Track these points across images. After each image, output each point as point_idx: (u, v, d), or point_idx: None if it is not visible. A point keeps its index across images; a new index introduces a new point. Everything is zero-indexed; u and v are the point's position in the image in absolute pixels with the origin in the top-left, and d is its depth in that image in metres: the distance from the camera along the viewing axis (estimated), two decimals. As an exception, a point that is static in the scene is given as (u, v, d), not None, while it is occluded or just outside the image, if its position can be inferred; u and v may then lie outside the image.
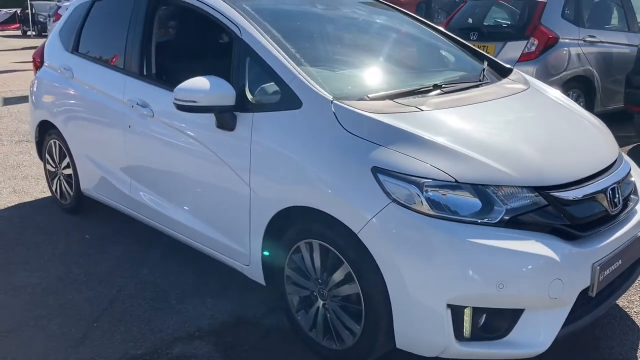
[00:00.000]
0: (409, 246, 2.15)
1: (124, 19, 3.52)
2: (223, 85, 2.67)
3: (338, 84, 2.67)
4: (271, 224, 2.64)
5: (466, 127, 2.44)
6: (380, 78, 2.96)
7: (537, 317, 2.17)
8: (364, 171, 2.24)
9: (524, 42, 6.18)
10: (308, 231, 2.49)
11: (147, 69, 3.32)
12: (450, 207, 2.15)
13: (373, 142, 2.29)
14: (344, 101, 2.46)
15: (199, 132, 2.91)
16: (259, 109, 2.66)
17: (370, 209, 2.21)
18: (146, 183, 3.37)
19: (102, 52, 3.78)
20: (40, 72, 4.33)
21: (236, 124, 2.72)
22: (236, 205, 2.77)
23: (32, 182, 5.16)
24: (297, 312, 2.65)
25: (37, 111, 4.36)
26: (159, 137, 3.16)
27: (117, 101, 3.43)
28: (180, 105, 2.67)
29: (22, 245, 3.84)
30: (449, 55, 3.48)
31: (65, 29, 4.16)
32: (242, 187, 2.71)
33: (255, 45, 2.72)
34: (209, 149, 2.85)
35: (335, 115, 2.41)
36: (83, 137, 3.86)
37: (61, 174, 4.28)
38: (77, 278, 3.38)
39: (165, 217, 3.27)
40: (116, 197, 3.68)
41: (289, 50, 2.72)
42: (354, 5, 3.65)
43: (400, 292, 2.18)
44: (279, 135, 2.55)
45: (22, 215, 4.37)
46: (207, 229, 3.01)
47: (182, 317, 2.95)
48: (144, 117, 3.23)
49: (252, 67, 2.74)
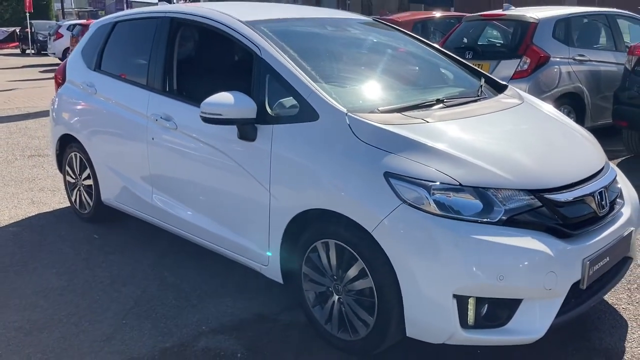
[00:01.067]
0: (418, 243, 2.40)
1: (147, 39, 3.79)
2: (245, 99, 2.93)
3: (350, 98, 2.94)
4: (289, 226, 2.88)
5: (467, 136, 2.71)
6: (388, 93, 3.23)
7: (533, 307, 2.42)
8: (377, 176, 2.50)
9: (517, 61, 6.49)
10: (324, 232, 2.74)
11: (171, 85, 3.58)
12: (454, 208, 2.41)
13: (385, 150, 2.55)
14: (357, 113, 2.72)
15: (221, 143, 3.15)
16: (278, 121, 2.92)
17: (382, 209, 2.46)
18: (168, 191, 3.61)
19: (125, 69, 4.04)
20: (62, 89, 4.58)
21: (257, 135, 2.97)
22: (256, 210, 3.01)
23: (48, 194, 5.38)
24: (313, 307, 2.89)
25: (58, 126, 4.60)
26: (182, 148, 3.41)
27: (141, 115, 3.69)
28: (206, 117, 2.93)
29: (47, 251, 4.06)
30: (449, 72, 3.76)
31: (88, 48, 4.43)
32: (262, 193, 2.96)
33: (275, 64, 2.99)
34: (231, 158, 3.10)
35: (350, 126, 2.67)
36: (105, 149, 4.10)
37: (81, 185, 4.51)
38: (103, 280, 3.60)
39: (186, 222, 3.50)
40: (137, 205, 3.92)
41: (305, 67, 2.99)
42: (360, 27, 3.93)
43: (411, 285, 2.43)
44: (298, 145, 2.81)
45: (42, 224, 4.60)
46: (228, 232, 3.25)
47: (204, 315, 3.18)
48: (168, 129, 3.48)
49: (272, 84, 3.01)
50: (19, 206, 5.03)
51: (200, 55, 4.01)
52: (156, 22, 3.77)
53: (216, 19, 3.38)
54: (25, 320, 3.14)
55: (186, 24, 3.68)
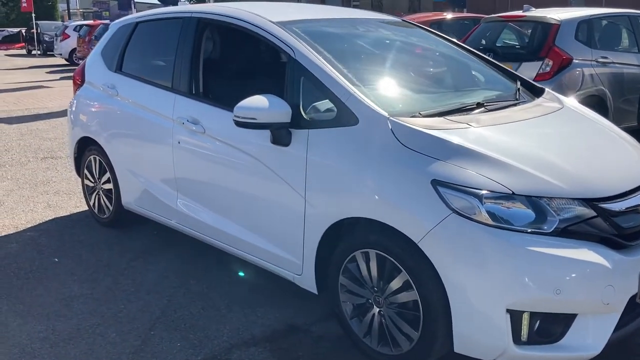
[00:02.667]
0: (469, 254, 2.28)
1: (172, 40, 3.69)
2: (280, 103, 2.82)
3: (390, 102, 2.82)
4: (326, 234, 2.77)
5: (515, 142, 2.59)
6: (426, 96, 3.12)
7: (589, 322, 2.30)
8: (424, 184, 2.39)
9: (539, 63, 6.36)
10: (365, 241, 2.63)
11: (197, 88, 3.48)
12: (507, 218, 2.30)
13: (431, 156, 2.44)
14: (399, 118, 2.61)
15: (252, 148, 3.05)
16: (314, 125, 2.81)
17: (430, 219, 2.34)
18: (195, 196, 3.50)
19: (149, 71, 3.94)
20: (81, 91, 4.48)
21: (291, 140, 2.86)
22: (290, 217, 2.90)
23: (64, 197, 5.28)
24: (350, 319, 2.78)
25: (76, 128, 4.50)
26: (210, 152, 3.30)
27: (166, 118, 3.58)
28: (240, 121, 2.82)
29: (67, 257, 3.96)
30: (483, 74, 3.65)
31: (108, 49, 4.32)
32: (297, 199, 2.85)
33: (310, 66, 2.88)
34: (263, 164, 2.99)
35: (392, 131, 2.56)
36: (127, 153, 3.99)
37: (100, 188, 4.41)
38: (126, 288, 3.50)
39: (214, 229, 3.40)
40: (160, 210, 3.81)
41: (341, 70, 2.87)
42: (390, 28, 3.82)
43: (461, 299, 2.31)
44: (336, 150, 2.70)
45: (60, 229, 4.49)
46: (258, 239, 3.14)
47: (234, 325, 3.07)
48: (195, 133, 3.37)
49: (307, 86, 2.90)
50: (35, 210, 4.93)
51: (229, 57, 3.89)
52: (181, 23, 3.66)
53: (246, 20, 3.27)
54: (50, 331, 3.03)
55: (213, 24, 3.57)
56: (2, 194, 5.37)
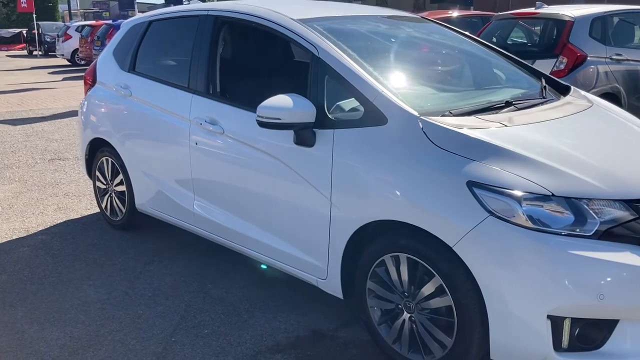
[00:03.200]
0: (508, 258, 2.20)
1: (187, 39, 3.60)
2: (305, 102, 2.74)
3: (418, 100, 2.74)
4: (353, 237, 2.69)
5: (550, 142, 2.50)
6: (453, 94, 3.04)
7: (631, 328, 2.22)
8: (459, 185, 2.30)
9: (553, 61, 6.29)
10: (395, 244, 2.55)
11: (215, 88, 3.39)
12: (546, 220, 2.21)
13: (466, 157, 2.35)
14: (430, 117, 2.53)
15: (274, 149, 2.96)
16: (340, 125, 2.73)
17: (467, 222, 2.26)
18: (212, 198, 3.42)
19: (164, 71, 3.85)
20: (93, 91, 4.40)
21: (315, 140, 2.78)
22: (315, 220, 2.82)
23: (74, 199, 5.20)
24: (379, 325, 2.69)
25: (88, 129, 4.42)
26: (229, 153, 3.22)
27: (183, 119, 3.50)
28: (263, 122, 2.74)
29: (81, 261, 3.88)
30: (506, 72, 3.56)
31: (120, 49, 4.24)
32: (322, 202, 2.77)
33: (335, 64, 2.79)
34: (286, 165, 2.91)
35: (424, 131, 2.47)
36: (141, 154, 3.91)
37: (113, 190, 4.33)
38: (143, 293, 3.42)
39: (233, 231, 3.31)
40: (176, 212, 3.73)
41: (367, 68, 2.79)
42: (412, 25, 3.73)
43: (499, 304, 2.23)
44: (363, 151, 2.61)
45: (72, 232, 4.41)
46: (280, 243, 3.06)
47: (257, 331, 2.98)
48: (213, 134, 3.29)
49: (331, 85, 2.81)
50: (45, 213, 4.85)
51: (248, 55, 3.81)
52: (197, 21, 3.58)
53: (266, 17, 3.19)
54: (68, 337, 2.95)
55: (231, 22, 3.48)
56: (11, 196, 5.29)
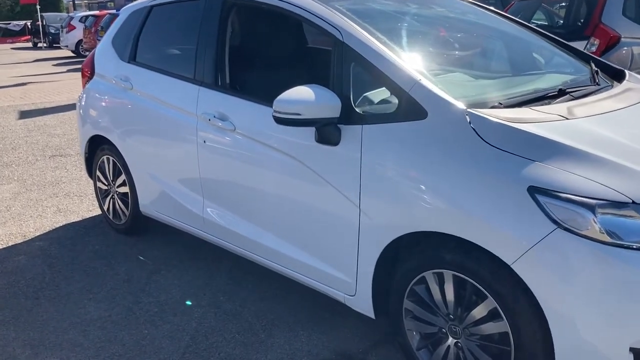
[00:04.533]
0: (580, 279, 1.83)
1: (193, 25, 3.23)
2: (329, 95, 2.37)
3: (462, 90, 2.36)
4: (386, 250, 2.34)
5: (622, 138, 2.12)
6: (497, 82, 2.65)
7: None
8: (518, 192, 1.93)
9: (584, 42, 5.85)
10: (438, 260, 2.18)
11: (225, 79, 3.02)
12: (625, 233, 1.83)
13: (525, 157, 1.98)
14: (478, 109, 2.15)
15: (293, 148, 2.60)
16: (369, 120, 2.36)
17: (529, 235, 1.89)
18: (224, 203, 3.07)
19: (167, 61, 3.48)
20: (91, 84, 4.04)
21: (340, 137, 2.42)
22: (341, 229, 2.47)
23: (75, 200, 4.87)
24: (418, 350, 2.34)
25: (87, 125, 4.07)
26: (242, 152, 2.86)
27: (189, 114, 3.14)
28: (281, 118, 2.37)
29: (80, 271, 3.54)
30: (548, 55, 3.17)
31: (119, 38, 3.88)
32: (349, 208, 2.41)
33: (362, 49, 2.42)
34: (307, 166, 2.55)
35: (473, 126, 2.10)
36: (144, 153, 3.56)
37: (115, 192, 3.99)
38: (149, 308, 3.08)
39: (247, 239, 2.96)
40: (184, 217, 3.38)
41: (400, 53, 2.42)
42: (442, 4, 3.34)
43: (568, 333, 1.87)
44: (399, 149, 2.24)
45: (72, 237, 4.08)
46: (301, 253, 2.71)
47: (277, 354, 2.64)
48: (223, 131, 2.93)
49: (359, 74, 2.44)
50: (44, 215, 4.52)
51: (260, 41, 3.42)
52: (203, 5, 3.20)
53: (280, -3, 2.81)
54: (64, 365, 2.63)
55: (241, 4, 3.10)
56: (10, 197, 4.96)
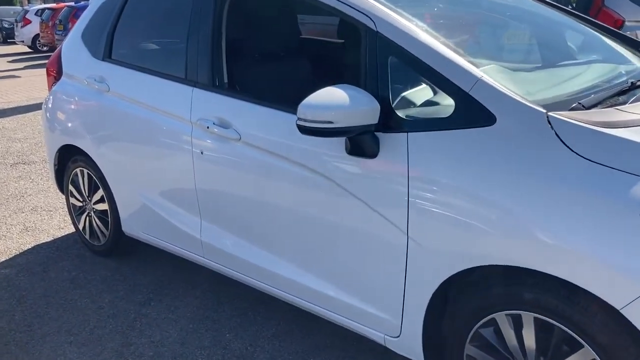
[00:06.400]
0: None
1: (182, 12, 2.74)
2: (365, 97, 1.93)
3: (533, 89, 1.94)
4: (444, 285, 1.92)
5: None
6: (569, 79, 2.24)
7: None
8: (628, 217, 1.53)
9: (587, 27, 5.53)
10: (514, 299, 1.77)
11: (224, 77, 2.55)
12: None
13: (631, 172, 1.57)
14: (561, 113, 1.74)
15: (317, 160, 2.16)
16: (417, 127, 1.93)
17: (646, 274, 1.50)
18: (227, 225, 2.60)
19: (151, 57, 2.98)
20: (58, 85, 3.50)
21: (379, 148, 1.98)
22: (382, 259, 2.04)
23: (44, 215, 4.32)
24: (484, 405, 1.94)
25: (56, 133, 3.53)
26: (250, 166, 2.40)
27: (182, 120, 2.66)
28: (308, 127, 1.92)
29: (56, 306, 3.03)
30: (585, 41, 2.79)
31: (91, 31, 3.35)
32: (393, 234, 1.98)
33: (403, 40, 1.98)
34: (336, 183, 2.10)
35: (558, 134, 1.69)
36: (127, 166, 3.06)
37: (92, 209, 3.48)
38: (142, 352, 2.60)
39: (259, 268, 2.51)
40: (178, 240, 2.90)
41: (451, 45, 1.99)
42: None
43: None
44: (460, 163, 1.82)
45: (43, 262, 3.55)
46: (327, 286, 2.27)
47: (305, 409, 2.21)
48: (226, 140, 2.46)
49: (399, 71, 2.00)
50: (9, 235, 3.96)
51: (267, 32, 2.92)
52: (193, -11, 2.71)
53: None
54: None
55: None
56: (-33, 216, 4.39)
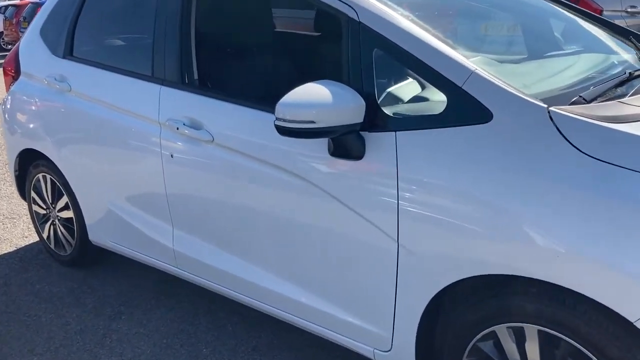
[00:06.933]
0: None
1: (148, 6, 2.54)
2: (348, 94, 1.77)
3: (529, 82, 1.80)
4: (438, 296, 1.77)
5: None
6: (553, 67, 2.11)
7: None
8: None
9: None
10: (516, 311, 1.63)
11: (196, 75, 2.36)
12: None
13: (642, 172, 1.44)
14: (562, 108, 1.60)
15: (297, 163, 1.99)
16: (406, 125, 1.77)
17: (664, 284, 1.37)
18: (202, 233, 2.42)
19: (115, 54, 2.77)
20: (17, 85, 3.27)
21: (365, 149, 1.83)
22: (371, 269, 1.89)
23: (6, 223, 4.07)
24: (483, 423, 1.80)
25: (16, 137, 3.30)
26: (225, 170, 2.22)
27: (149, 121, 2.46)
28: (287, 128, 1.75)
29: (18, 322, 2.82)
30: (585, 33, 2.66)
31: (50, 27, 3.12)
32: (382, 242, 1.83)
33: (390, 32, 1.82)
34: (319, 187, 1.94)
35: (562, 131, 1.55)
36: (92, 171, 2.86)
37: (56, 217, 3.26)
38: (113, 372, 2.42)
39: (238, 279, 2.34)
40: (149, 249, 2.72)
41: (440, 36, 1.83)
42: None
43: None
44: (454, 163, 1.67)
45: (5, 274, 3.32)
46: (312, 298, 2.11)
47: None
48: (197, 142, 2.28)
49: (385, 65, 1.85)
50: (-32, 246, 3.73)
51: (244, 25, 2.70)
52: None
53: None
54: None
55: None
56: None
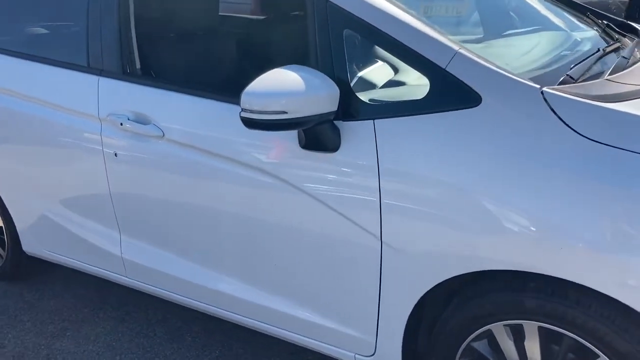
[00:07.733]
0: None
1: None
2: (322, 80, 1.61)
3: (512, 62, 1.69)
4: (426, 295, 1.65)
5: None
6: (518, 46, 2.01)
7: None
8: (649, 207, 1.31)
9: None
10: (514, 307, 1.53)
11: (138, 64, 2.11)
12: None
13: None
14: (555, 88, 1.49)
15: (263, 158, 1.81)
16: (385, 112, 1.62)
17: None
18: (154, 239, 2.19)
19: (40, 42, 2.46)
20: None
21: (340, 140, 1.67)
22: (351, 269, 1.74)
23: None
24: None
25: None
26: (178, 168, 2.00)
27: (87, 116, 2.20)
28: (255, 120, 1.56)
29: (-55, 350, 2.50)
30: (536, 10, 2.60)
31: (-39, 13, 2.76)
32: (364, 240, 1.68)
33: (361, 9, 1.66)
34: (289, 184, 1.77)
35: (557, 114, 1.44)
36: (21, 174, 2.55)
37: (-19, 227, 2.92)
38: (61, 399, 2.17)
39: (198, 287, 2.14)
40: (95, 258, 2.46)
41: (417, 16, 1.69)
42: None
43: None
44: (441, 151, 1.54)
45: None
46: (287, 304, 1.94)
47: None
48: (145, 138, 2.05)
49: (357, 46, 1.69)
50: None
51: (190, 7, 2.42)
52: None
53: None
54: None
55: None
56: None
